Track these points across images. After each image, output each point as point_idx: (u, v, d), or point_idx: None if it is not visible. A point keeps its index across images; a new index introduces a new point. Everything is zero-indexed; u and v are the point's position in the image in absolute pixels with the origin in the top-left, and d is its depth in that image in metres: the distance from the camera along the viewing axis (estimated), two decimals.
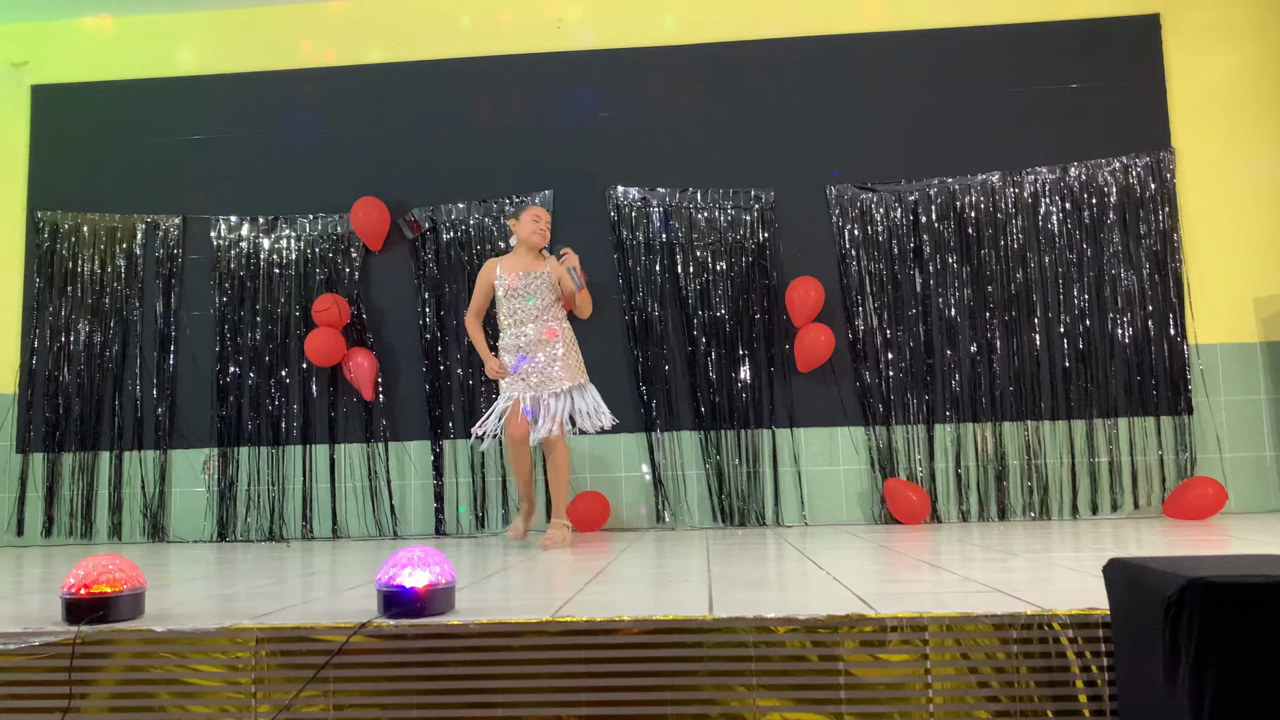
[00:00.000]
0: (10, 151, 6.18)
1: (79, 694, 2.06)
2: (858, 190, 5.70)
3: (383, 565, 2.19)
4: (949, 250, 5.62)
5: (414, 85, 5.99)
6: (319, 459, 5.79)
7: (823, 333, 5.41)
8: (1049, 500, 5.45)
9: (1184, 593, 1.47)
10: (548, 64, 5.95)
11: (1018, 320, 5.55)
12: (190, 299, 5.96)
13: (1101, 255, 5.56)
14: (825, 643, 1.97)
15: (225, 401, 5.84)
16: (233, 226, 5.96)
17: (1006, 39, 5.75)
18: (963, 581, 2.58)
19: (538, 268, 4.51)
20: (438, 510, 5.69)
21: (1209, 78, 5.69)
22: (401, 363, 5.83)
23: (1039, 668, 1.94)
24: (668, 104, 5.85)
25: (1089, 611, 1.96)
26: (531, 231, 4.52)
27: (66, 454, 5.87)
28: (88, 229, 6.03)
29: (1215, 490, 5.08)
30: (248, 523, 5.77)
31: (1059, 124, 5.66)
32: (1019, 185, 5.63)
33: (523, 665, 2.01)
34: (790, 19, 5.88)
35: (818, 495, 5.56)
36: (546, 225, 4.57)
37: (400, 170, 5.92)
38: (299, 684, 2.02)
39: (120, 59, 6.18)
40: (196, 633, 2.08)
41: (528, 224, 4.53)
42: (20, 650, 2.08)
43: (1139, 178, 5.59)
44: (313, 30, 6.10)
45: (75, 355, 5.93)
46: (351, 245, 5.90)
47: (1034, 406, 5.50)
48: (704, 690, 1.97)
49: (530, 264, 4.53)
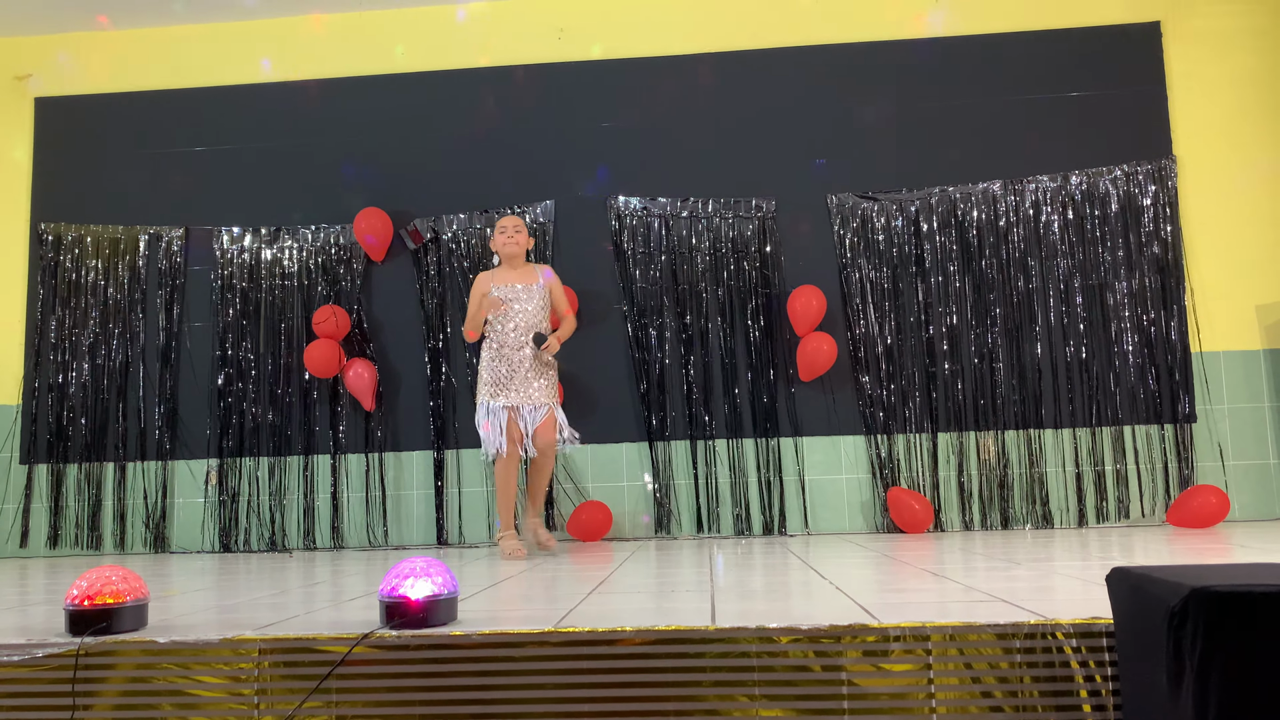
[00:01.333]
0: (14, 164, 6.20)
1: (82, 705, 2.06)
2: (859, 199, 5.71)
3: (385, 576, 2.19)
4: (950, 259, 5.63)
5: (415, 96, 6.01)
6: (320, 469, 5.79)
7: (825, 341, 5.41)
8: (1052, 509, 5.44)
9: (1188, 602, 1.47)
10: (549, 74, 5.97)
11: (1020, 328, 5.55)
12: (193, 310, 5.97)
13: (1103, 263, 5.56)
14: (828, 653, 1.96)
15: (227, 412, 5.84)
16: (235, 237, 5.98)
17: (1007, 47, 5.76)
18: (966, 591, 2.57)
19: (528, 281, 4.54)
20: (439, 520, 5.69)
21: (1210, 86, 5.69)
22: (403, 373, 5.84)
23: (1042, 677, 1.93)
24: (669, 114, 5.86)
25: (1092, 621, 1.95)
26: (501, 244, 4.60)
27: (70, 465, 5.88)
28: (91, 240, 6.05)
29: (1218, 499, 5.07)
30: (249, 533, 5.77)
31: (1060, 132, 5.67)
32: (1020, 194, 5.64)
33: (525, 676, 2.01)
34: (791, 29, 5.89)
35: (820, 504, 5.56)
36: (514, 232, 4.59)
37: (402, 181, 5.94)
38: (302, 695, 2.02)
39: (123, 71, 6.20)
40: (199, 644, 2.08)
41: (497, 237, 4.62)
42: (24, 661, 2.08)
43: (1140, 186, 5.59)
44: (314, 42, 6.13)
45: (78, 366, 5.94)
46: (354, 255, 5.91)
47: (1036, 415, 5.49)
48: (707, 700, 1.97)
49: (521, 276, 4.56)
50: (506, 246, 4.57)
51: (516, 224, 4.62)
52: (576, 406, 5.55)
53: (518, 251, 4.58)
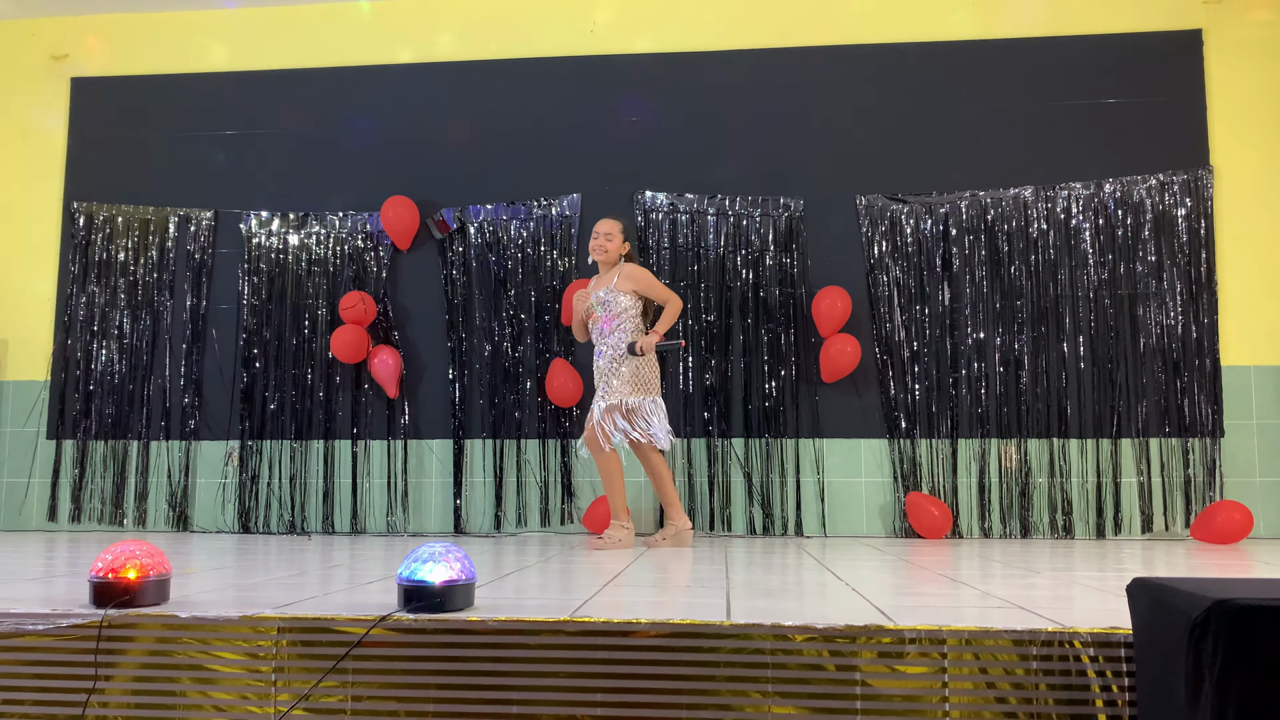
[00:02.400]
0: (49, 143, 6.28)
1: (104, 675, 2.09)
2: (888, 201, 5.68)
3: (404, 560, 2.21)
4: (979, 264, 5.59)
5: (444, 86, 6.03)
6: (342, 454, 5.83)
7: (849, 343, 5.39)
8: (1073, 519, 5.39)
9: (1209, 614, 1.46)
10: (579, 67, 5.97)
11: (1046, 336, 5.50)
12: (220, 292, 6.02)
13: (1134, 273, 5.50)
14: (842, 653, 1.96)
15: (251, 394, 5.90)
16: (263, 222, 6.03)
17: (1044, 52, 5.71)
18: (983, 596, 2.56)
19: (602, 285, 4.63)
20: (457, 508, 5.72)
21: (1251, 96, 5.62)
22: (426, 361, 5.87)
23: (1058, 685, 1.92)
24: (699, 109, 5.86)
25: (1111, 631, 1.94)
26: (590, 249, 4.70)
27: (95, 442, 5.95)
28: (122, 220, 6.12)
29: (1242, 515, 5.01)
30: (269, 515, 5.82)
31: (1095, 139, 5.61)
32: (1052, 200, 5.59)
33: (539, 663, 2.02)
34: (823, 28, 5.87)
35: (838, 506, 5.54)
36: (599, 239, 4.65)
37: (430, 170, 5.97)
38: (319, 674, 2.04)
39: (158, 54, 6.27)
40: (219, 620, 2.10)
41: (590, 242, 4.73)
42: (49, 631, 2.12)
43: (1175, 195, 5.53)
44: (345, 29, 6.16)
45: (106, 344, 6.01)
46: (380, 243, 5.94)
47: (1061, 424, 5.45)
48: (720, 695, 1.97)
49: (600, 281, 4.69)
50: (592, 252, 4.70)
51: (601, 229, 4.69)
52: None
53: (597, 257, 4.68)
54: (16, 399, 6.07)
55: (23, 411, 6.06)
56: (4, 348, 6.13)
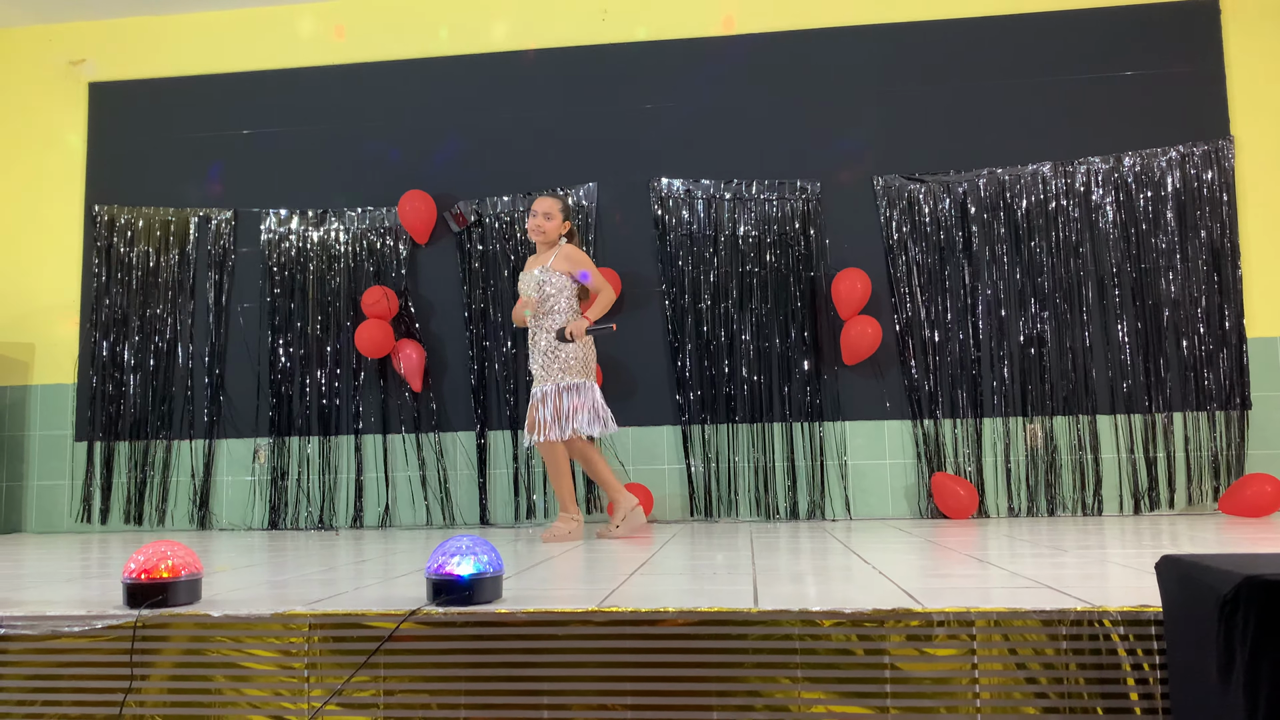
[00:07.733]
0: (69, 147, 6.34)
1: (140, 675, 2.12)
2: (905, 181, 5.64)
3: (432, 554, 2.22)
4: (998, 241, 5.55)
5: (459, 78, 6.04)
6: (369, 449, 5.88)
7: (869, 325, 5.37)
8: (1101, 496, 5.36)
9: (1240, 590, 1.45)
10: (593, 56, 5.96)
11: (1069, 313, 5.46)
12: (241, 291, 6.07)
13: (1156, 246, 5.45)
14: (871, 636, 1.96)
15: (276, 392, 5.94)
16: (282, 219, 6.06)
17: (1059, 26, 5.64)
18: (1011, 577, 2.55)
19: (538, 264, 4.53)
20: (482, 501, 5.75)
21: (1270, 64, 5.53)
22: (448, 354, 5.90)
23: (1089, 665, 1.92)
24: (713, 95, 5.83)
25: (1141, 609, 1.93)
26: (528, 229, 4.59)
27: (122, 443, 6.02)
28: (143, 222, 6.17)
29: (1273, 487, 4.96)
30: (298, 511, 5.87)
31: (1113, 113, 5.55)
32: (1071, 175, 5.53)
33: (568, 654, 2.03)
34: (834, 8, 5.82)
35: (862, 489, 5.53)
36: (537, 218, 4.52)
37: (446, 163, 5.98)
38: (350, 669, 2.07)
39: (174, 56, 6.30)
40: (251, 618, 2.13)
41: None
42: (84, 632, 2.15)
43: (1196, 167, 5.46)
44: (359, 24, 6.17)
45: (131, 346, 6.08)
46: (399, 238, 5.97)
47: (1086, 400, 5.41)
48: (749, 682, 1.97)
49: (535, 261, 4.58)
50: (530, 233, 4.59)
51: (539, 208, 4.55)
52: (617, 389, 5.57)
53: (537, 239, 4.56)
54: (45, 402, 6.15)
55: (52, 415, 6.13)
56: (31, 352, 6.21)
